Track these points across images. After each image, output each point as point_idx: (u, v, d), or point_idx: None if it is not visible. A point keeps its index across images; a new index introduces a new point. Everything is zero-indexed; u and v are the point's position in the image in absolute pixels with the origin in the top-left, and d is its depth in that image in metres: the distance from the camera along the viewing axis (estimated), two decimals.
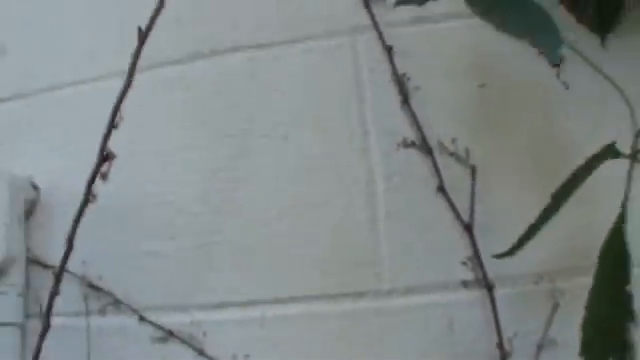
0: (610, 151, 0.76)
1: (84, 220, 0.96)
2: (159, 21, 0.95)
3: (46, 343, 0.99)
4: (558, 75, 0.78)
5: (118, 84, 0.97)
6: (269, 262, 1.05)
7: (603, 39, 0.98)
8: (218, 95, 1.13)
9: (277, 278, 1.04)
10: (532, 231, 0.81)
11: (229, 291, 1.07)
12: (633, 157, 0.77)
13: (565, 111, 0.97)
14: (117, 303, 1.11)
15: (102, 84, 1.19)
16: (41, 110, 1.26)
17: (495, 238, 0.93)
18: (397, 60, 1.03)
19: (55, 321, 1.00)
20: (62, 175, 1.21)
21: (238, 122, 1.10)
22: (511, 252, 0.84)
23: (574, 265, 0.93)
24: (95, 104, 1.12)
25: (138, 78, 0.97)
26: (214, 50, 1.15)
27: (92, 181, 0.91)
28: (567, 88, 0.81)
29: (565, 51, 0.74)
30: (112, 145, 0.95)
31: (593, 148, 0.77)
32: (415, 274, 0.99)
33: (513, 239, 0.82)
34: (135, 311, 1.10)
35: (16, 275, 1.16)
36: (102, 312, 1.12)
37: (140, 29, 0.93)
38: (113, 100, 0.96)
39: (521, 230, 0.81)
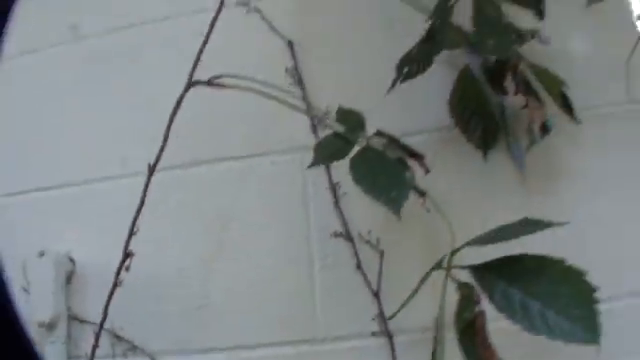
0: None
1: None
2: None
3: None
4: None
5: (138, 180, 1.34)
6: (240, 317, 1.46)
7: (485, 154, 1.38)
8: (206, 195, 1.54)
9: (244, 329, 1.45)
10: (409, 299, 1.22)
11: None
12: None
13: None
14: (134, 348, 1.51)
15: (127, 180, 1.57)
16: (78, 199, 1.64)
17: (395, 301, 1.33)
18: (332, 172, 1.45)
19: None
20: (92, 250, 1.61)
21: (219, 217, 1.52)
22: (395, 314, 1.25)
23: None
24: (120, 196, 1.53)
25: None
26: (204, 160, 1.56)
27: (118, 273, 1.30)
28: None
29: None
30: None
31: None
32: (341, 327, 1.40)
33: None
34: (149, 354, 1.50)
35: (61, 329, 1.52)
36: (124, 355, 1.52)
37: (149, 165, 1.32)
38: (133, 192, 1.32)
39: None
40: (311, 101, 1.49)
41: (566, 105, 1.30)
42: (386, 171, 1.13)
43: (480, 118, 1.33)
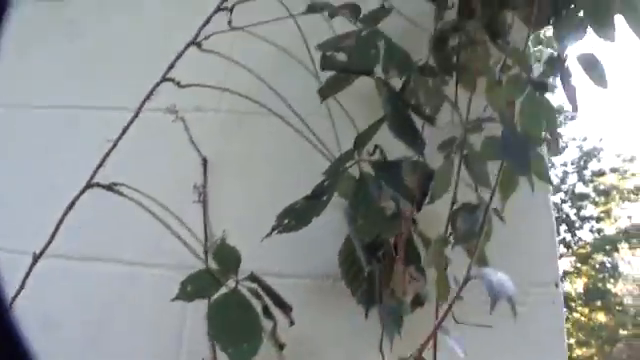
0: None
1: None
2: None
3: None
4: None
5: None
6: None
7: (367, 310, 1.36)
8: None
9: None
10: None
11: None
12: None
13: None
14: None
15: None
16: None
17: None
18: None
19: None
20: None
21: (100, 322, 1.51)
22: None
23: None
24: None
25: None
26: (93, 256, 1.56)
27: None
28: None
29: None
30: None
31: None
32: None
33: None
34: None
35: None
36: None
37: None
38: None
39: None
40: (210, 222, 1.49)
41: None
42: (243, 322, 1.13)
43: (364, 277, 1.33)
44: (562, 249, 13.63)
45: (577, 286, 13.71)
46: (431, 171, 1.19)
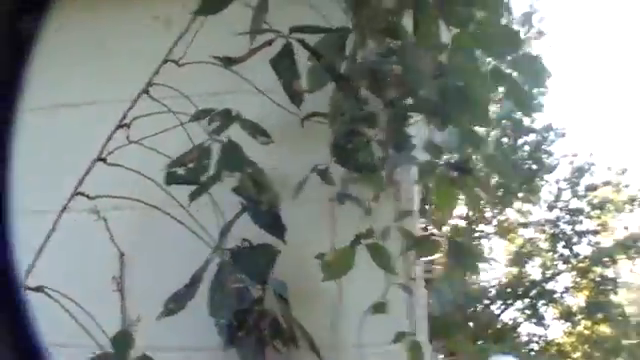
0: None
1: None
2: None
3: None
4: None
5: None
6: None
7: None
8: None
9: None
10: None
11: None
12: None
13: None
14: None
15: None
16: None
17: None
18: None
19: None
20: None
21: None
22: None
23: None
24: None
25: None
26: None
27: None
28: None
29: None
30: None
31: None
32: None
33: None
34: None
35: None
36: None
37: None
38: None
39: None
40: (127, 309, 1.76)
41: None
42: None
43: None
44: (561, 265, 13.78)
45: (579, 300, 13.84)
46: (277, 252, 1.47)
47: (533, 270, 13.77)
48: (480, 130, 1.79)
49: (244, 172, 1.51)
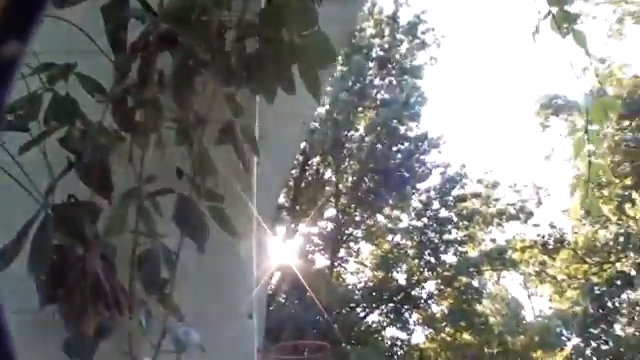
0: None
1: None
2: None
3: None
4: None
5: None
6: None
7: None
8: None
9: None
10: None
11: None
12: None
13: None
14: None
15: None
16: None
17: None
18: None
19: None
20: None
21: None
22: None
23: None
24: None
25: None
26: None
27: None
28: None
29: None
30: None
31: None
32: None
33: None
34: None
35: None
36: None
37: None
38: None
39: None
40: None
41: None
42: None
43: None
44: (427, 272, 14.09)
45: (443, 307, 14.18)
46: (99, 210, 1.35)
47: (399, 275, 14.01)
48: None
49: (74, 125, 1.38)
